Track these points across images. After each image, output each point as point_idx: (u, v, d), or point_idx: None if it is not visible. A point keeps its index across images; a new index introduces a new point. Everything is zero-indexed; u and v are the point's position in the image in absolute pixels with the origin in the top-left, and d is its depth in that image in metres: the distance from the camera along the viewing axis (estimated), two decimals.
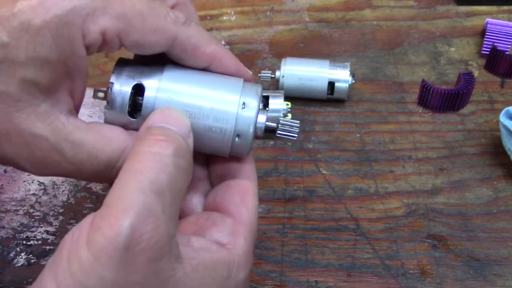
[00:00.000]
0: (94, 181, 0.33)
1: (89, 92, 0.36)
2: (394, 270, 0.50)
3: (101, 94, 0.36)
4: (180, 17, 0.35)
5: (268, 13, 0.78)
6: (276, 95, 0.60)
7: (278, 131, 0.37)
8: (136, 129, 0.35)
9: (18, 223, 0.53)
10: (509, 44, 0.69)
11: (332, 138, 0.61)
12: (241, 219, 0.35)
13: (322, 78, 0.63)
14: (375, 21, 0.77)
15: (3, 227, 0.53)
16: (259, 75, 0.64)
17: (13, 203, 0.55)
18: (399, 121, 0.63)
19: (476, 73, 0.68)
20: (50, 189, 0.56)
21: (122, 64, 0.36)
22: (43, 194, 0.56)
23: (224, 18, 0.77)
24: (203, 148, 0.36)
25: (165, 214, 0.28)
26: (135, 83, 0.35)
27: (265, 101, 0.60)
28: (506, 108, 0.56)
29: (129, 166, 0.30)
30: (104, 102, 0.36)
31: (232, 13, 0.78)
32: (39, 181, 0.57)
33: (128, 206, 0.28)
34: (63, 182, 0.57)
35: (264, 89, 0.62)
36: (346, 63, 0.64)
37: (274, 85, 0.66)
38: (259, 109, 0.36)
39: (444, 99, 0.63)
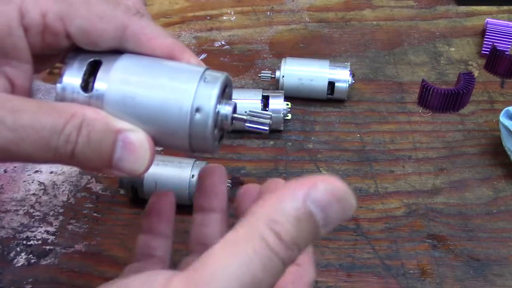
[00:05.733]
0: (41, 157, 0.30)
1: None
2: (394, 270, 0.50)
3: (57, 71, 0.34)
4: (132, 8, 0.33)
5: (268, 13, 0.78)
6: (276, 95, 0.60)
7: (246, 123, 0.34)
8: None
9: (18, 223, 0.53)
10: (509, 44, 0.69)
11: (332, 138, 0.61)
12: None
13: (322, 78, 0.63)
14: (375, 21, 0.77)
15: (3, 227, 0.53)
16: (259, 75, 0.64)
17: (13, 203, 0.55)
18: (399, 121, 0.63)
19: (476, 73, 0.69)
20: (50, 189, 0.56)
21: (81, 50, 0.34)
22: (43, 194, 0.56)
23: (224, 18, 0.77)
24: (160, 130, 0.32)
25: None
26: (93, 59, 0.33)
27: (265, 101, 0.60)
28: (506, 108, 0.56)
29: (239, 237, 0.25)
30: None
31: (232, 13, 0.78)
32: (39, 181, 0.57)
33: None
34: (63, 182, 0.57)
35: (264, 89, 0.62)
36: (346, 63, 0.64)
37: (274, 85, 0.66)
38: (223, 89, 0.33)
39: (444, 99, 0.63)
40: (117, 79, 0.32)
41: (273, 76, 0.64)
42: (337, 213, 0.26)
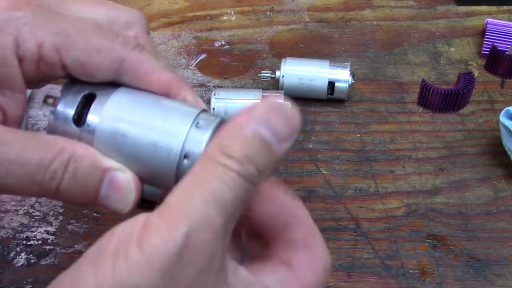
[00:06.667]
0: (25, 191, 0.30)
1: None
2: (394, 270, 0.50)
3: (50, 100, 0.33)
4: (132, 41, 0.33)
5: (268, 13, 0.78)
6: (276, 95, 0.60)
7: None
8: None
9: (18, 223, 0.53)
10: (509, 44, 0.69)
11: (332, 138, 0.61)
12: (300, 276, 0.30)
13: (322, 78, 0.63)
14: (375, 21, 0.77)
15: (3, 227, 0.53)
16: (259, 75, 0.64)
17: (13, 203, 0.55)
18: (399, 121, 0.63)
19: (476, 73, 0.69)
20: None
21: (77, 80, 0.34)
22: None
23: (224, 18, 0.77)
24: (147, 172, 0.32)
25: (223, 229, 0.27)
26: (87, 92, 0.33)
27: None
28: (506, 108, 0.56)
29: (197, 170, 0.28)
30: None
31: (232, 13, 0.78)
32: None
33: (187, 212, 0.26)
34: None
35: (264, 89, 0.62)
36: (346, 63, 0.64)
37: (274, 85, 0.66)
38: (216, 132, 0.32)
39: (444, 99, 0.63)
40: (109, 115, 0.32)
41: (273, 76, 0.64)
42: (281, 123, 0.28)
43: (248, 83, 0.68)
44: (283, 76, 0.63)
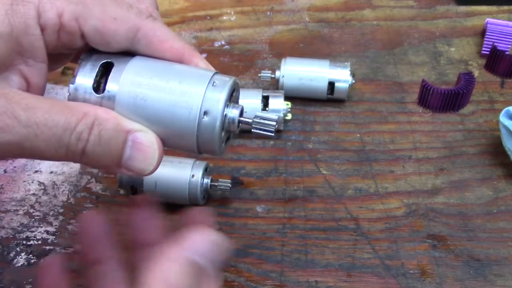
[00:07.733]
0: (53, 154, 0.31)
1: None
2: (394, 270, 0.50)
3: (69, 71, 0.35)
4: (145, 11, 0.35)
5: (268, 13, 0.78)
6: (276, 95, 0.60)
7: (253, 127, 0.35)
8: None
9: (18, 223, 0.53)
10: (509, 44, 0.69)
11: (332, 138, 0.61)
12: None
13: (322, 78, 0.63)
14: (375, 21, 0.77)
15: (3, 227, 0.53)
16: (259, 75, 0.64)
17: (13, 203, 0.55)
18: (399, 121, 0.63)
19: (476, 73, 0.68)
20: (50, 189, 0.56)
21: (95, 50, 0.35)
22: (43, 194, 0.56)
23: (224, 18, 0.77)
24: (169, 132, 0.34)
25: None
26: (105, 60, 0.34)
27: (265, 101, 0.60)
28: (506, 108, 0.56)
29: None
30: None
31: (232, 13, 0.78)
32: (39, 181, 0.57)
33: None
34: (63, 182, 0.57)
35: (264, 89, 0.62)
36: (346, 63, 0.64)
37: (274, 85, 0.66)
38: (231, 93, 0.34)
39: (444, 99, 0.63)
40: (128, 81, 0.33)
41: (273, 76, 0.64)
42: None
43: (248, 83, 0.68)
44: (283, 76, 0.63)
